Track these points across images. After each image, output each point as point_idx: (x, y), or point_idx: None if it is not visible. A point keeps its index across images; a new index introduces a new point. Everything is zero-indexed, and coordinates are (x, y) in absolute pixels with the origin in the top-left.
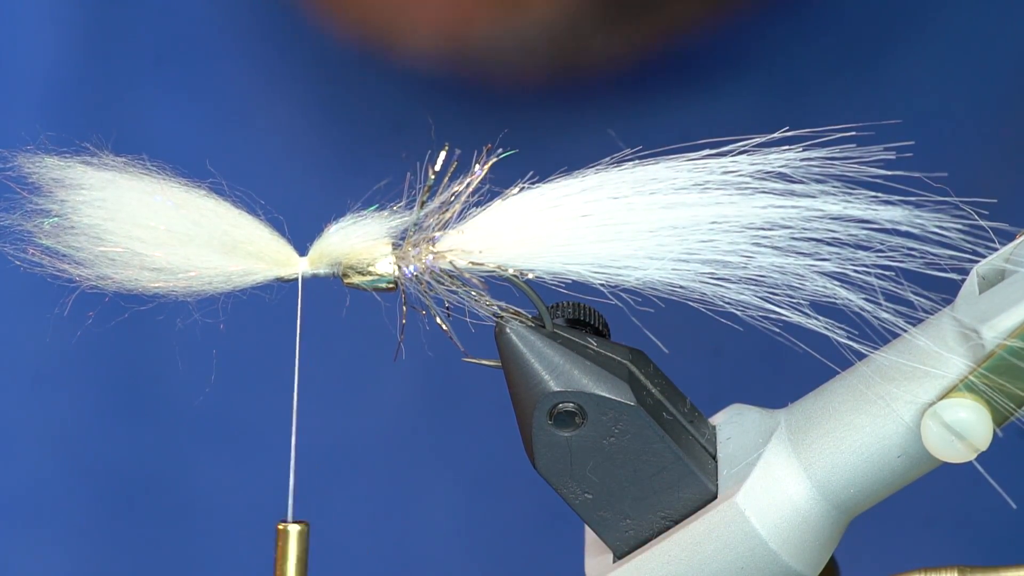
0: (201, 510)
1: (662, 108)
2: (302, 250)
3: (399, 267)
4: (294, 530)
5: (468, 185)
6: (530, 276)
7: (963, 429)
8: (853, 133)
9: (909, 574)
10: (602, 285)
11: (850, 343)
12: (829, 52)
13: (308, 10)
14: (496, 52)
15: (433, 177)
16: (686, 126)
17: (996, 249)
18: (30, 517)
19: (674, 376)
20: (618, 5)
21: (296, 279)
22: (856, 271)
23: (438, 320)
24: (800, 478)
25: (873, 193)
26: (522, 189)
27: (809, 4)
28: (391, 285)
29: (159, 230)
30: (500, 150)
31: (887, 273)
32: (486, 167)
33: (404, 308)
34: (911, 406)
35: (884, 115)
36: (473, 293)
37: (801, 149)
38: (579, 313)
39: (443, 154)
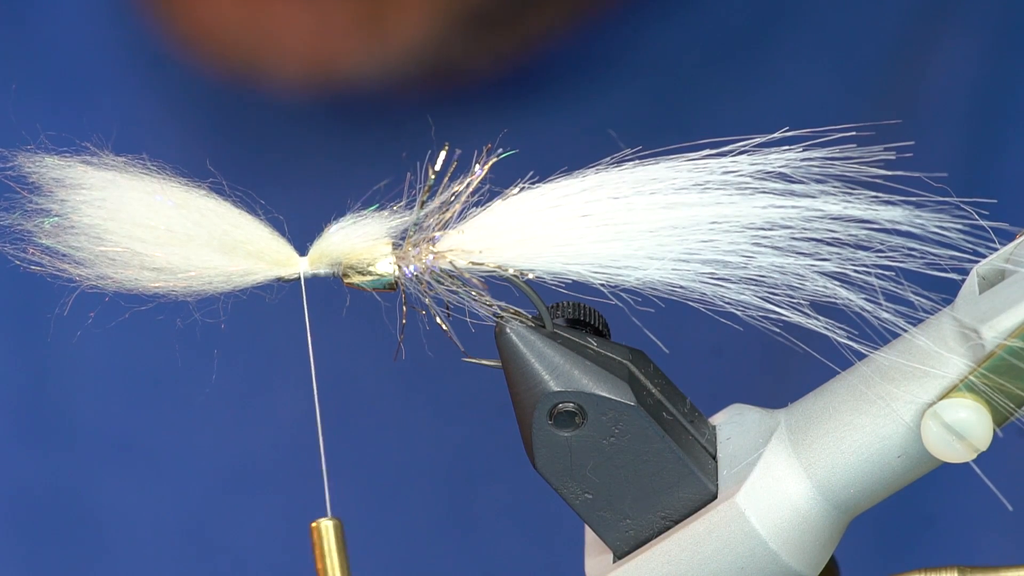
0: (109, 532)
1: (538, 115)
2: (302, 250)
3: (399, 267)
4: (329, 526)
5: (468, 185)
6: (530, 276)
7: (963, 429)
8: (853, 133)
9: (909, 574)
10: (602, 285)
11: (850, 343)
12: (699, 52)
13: (173, 45)
14: (364, 78)
15: (433, 177)
16: (565, 130)
17: (996, 249)
18: None
19: (674, 376)
20: (478, 21)
21: (296, 279)
22: (856, 271)
23: (438, 320)
24: (800, 478)
25: (873, 193)
26: (522, 189)
27: (674, 5)
28: (391, 285)
29: (159, 230)
30: (500, 150)
31: (887, 273)
32: (486, 167)
33: (404, 308)
34: (911, 406)
35: (760, 112)
36: (473, 293)
37: (801, 149)
38: (579, 313)
39: (443, 154)
